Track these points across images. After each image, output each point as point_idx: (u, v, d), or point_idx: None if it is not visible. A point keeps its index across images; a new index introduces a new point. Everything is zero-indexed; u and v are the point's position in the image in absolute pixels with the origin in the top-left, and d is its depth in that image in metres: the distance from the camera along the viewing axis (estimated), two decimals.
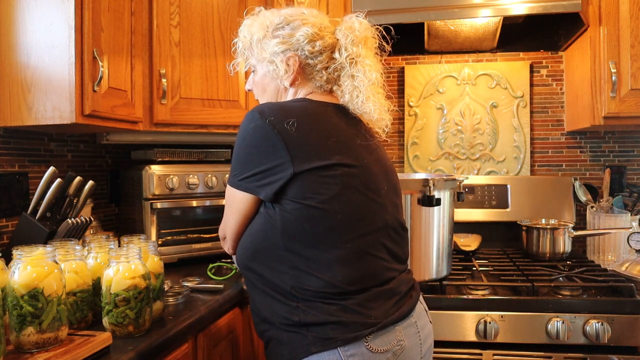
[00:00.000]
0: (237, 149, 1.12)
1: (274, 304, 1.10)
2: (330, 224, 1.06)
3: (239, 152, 1.12)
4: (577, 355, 1.52)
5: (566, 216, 2.17)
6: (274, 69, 1.21)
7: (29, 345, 1.02)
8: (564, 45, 2.24)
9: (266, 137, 1.07)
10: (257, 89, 1.28)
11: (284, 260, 1.08)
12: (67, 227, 1.50)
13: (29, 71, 1.47)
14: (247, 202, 1.13)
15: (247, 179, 1.10)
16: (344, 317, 1.03)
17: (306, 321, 1.04)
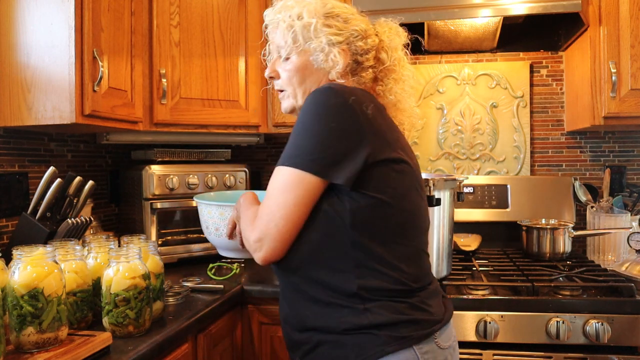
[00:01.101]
0: (310, 125, 1.00)
1: (332, 311, 1.01)
2: (400, 220, 1.04)
3: (312, 129, 1.00)
4: (577, 355, 1.52)
5: (566, 216, 2.17)
6: (323, 58, 1.11)
7: (29, 345, 1.02)
8: (564, 45, 2.24)
9: (349, 116, 0.99)
10: (294, 77, 1.14)
11: (349, 259, 1.01)
12: (67, 227, 1.50)
13: (29, 71, 1.47)
14: (315, 189, 0.99)
15: (321, 160, 0.98)
16: (414, 314, 1.01)
17: (377, 322, 0.99)
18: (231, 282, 1.73)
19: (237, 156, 2.47)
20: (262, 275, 1.86)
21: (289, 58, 1.14)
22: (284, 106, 1.19)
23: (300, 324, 1.06)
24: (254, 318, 1.71)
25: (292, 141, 1.03)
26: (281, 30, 1.13)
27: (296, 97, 1.15)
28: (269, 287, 1.71)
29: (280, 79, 1.17)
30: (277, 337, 1.70)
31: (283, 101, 1.19)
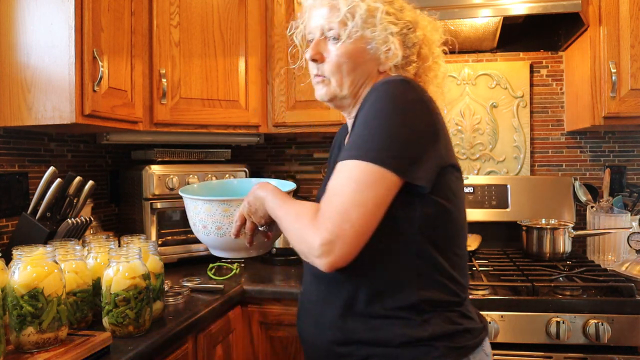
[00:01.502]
0: (388, 118, 0.91)
1: (386, 324, 0.95)
2: (457, 229, 1.00)
3: (390, 123, 0.91)
4: (577, 355, 1.52)
5: (566, 216, 2.17)
6: (382, 48, 1.02)
7: (29, 345, 1.02)
8: (564, 45, 2.24)
9: (426, 114, 0.94)
10: (344, 63, 1.02)
11: (412, 268, 0.95)
12: (67, 227, 1.50)
13: (29, 71, 1.47)
14: (394, 189, 0.89)
15: (403, 158, 0.89)
16: (465, 324, 0.99)
17: (436, 334, 0.94)
18: (231, 282, 1.73)
19: (237, 156, 2.47)
20: (262, 275, 1.86)
21: (341, 41, 1.01)
22: (320, 92, 1.07)
23: (346, 337, 0.98)
24: (254, 318, 1.71)
25: (367, 133, 0.91)
26: (337, 9, 1.01)
27: (341, 86, 1.03)
28: (269, 287, 1.71)
29: (325, 62, 1.04)
30: (277, 337, 1.70)
31: (320, 86, 1.06)
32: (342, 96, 1.04)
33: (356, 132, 0.94)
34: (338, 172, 0.92)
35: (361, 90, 1.05)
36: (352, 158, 0.90)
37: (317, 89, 1.08)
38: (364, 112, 0.94)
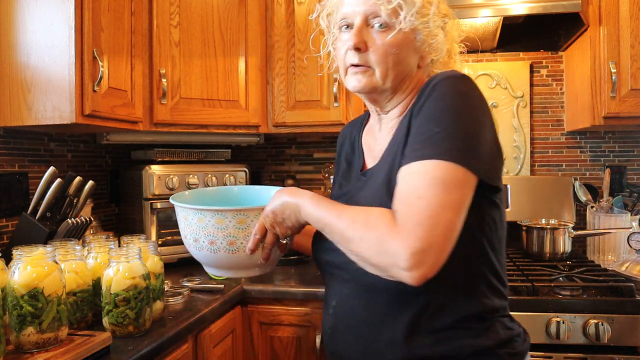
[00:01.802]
0: (463, 116, 0.86)
1: (451, 336, 0.89)
2: (503, 229, 0.97)
3: (465, 121, 0.85)
4: (577, 355, 1.52)
5: (566, 216, 2.17)
6: (430, 41, 0.98)
7: (29, 345, 1.02)
8: (564, 45, 2.24)
9: (489, 112, 0.91)
10: (392, 54, 0.94)
11: (476, 274, 0.91)
12: (67, 227, 1.50)
13: (29, 71, 1.47)
14: (472, 192, 0.84)
15: (481, 158, 0.85)
16: (516, 328, 0.97)
17: (498, 341, 0.91)
18: (231, 282, 1.73)
19: (237, 156, 2.47)
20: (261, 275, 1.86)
21: (394, 31, 0.93)
22: (359, 83, 0.96)
23: (410, 356, 0.89)
24: (254, 318, 1.71)
25: (442, 131, 0.84)
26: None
27: (385, 78, 0.95)
28: (269, 287, 1.71)
29: (370, 51, 0.94)
30: (277, 337, 1.70)
31: (359, 76, 0.96)
32: (383, 89, 0.97)
33: (424, 130, 0.86)
34: (416, 173, 0.83)
35: (401, 85, 0.99)
36: (431, 157, 0.82)
37: (353, 79, 0.97)
38: (429, 107, 0.87)
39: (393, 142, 0.97)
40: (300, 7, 2.10)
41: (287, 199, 0.96)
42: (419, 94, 0.92)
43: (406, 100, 1.01)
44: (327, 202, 0.92)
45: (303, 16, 2.09)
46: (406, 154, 0.87)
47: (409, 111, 0.95)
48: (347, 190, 1.07)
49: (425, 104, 0.88)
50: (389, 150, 0.97)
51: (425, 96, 0.90)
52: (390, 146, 0.98)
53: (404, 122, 0.95)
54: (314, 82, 2.09)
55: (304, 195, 0.95)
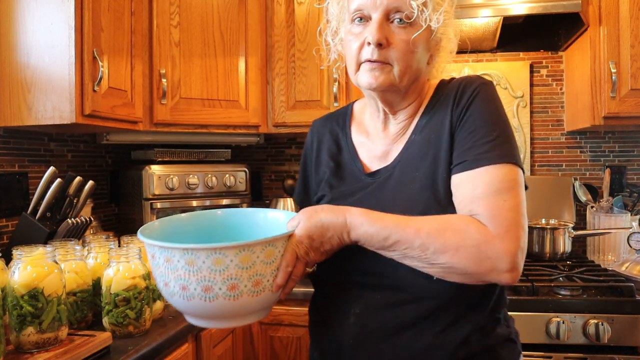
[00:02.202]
0: (504, 120, 0.91)
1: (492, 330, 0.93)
2: None
3: (506, 125, 0.90)
4: (577, 355, 1.52)
5: (566, 216, 2.17)
6: (442, 39, 0.96)
7: (29, 345, 1.02)
8: (564, 45, 2.24)
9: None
10: (412, 51, 0.91)
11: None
12: (67, 227, 1.50)
13: (29, 71, 1.47)
14: None
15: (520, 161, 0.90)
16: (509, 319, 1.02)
17: (510, 331, 0.97)
18: None
19: (237, 156, 2.47)
20: None
21: (412, 27, 0.90)
22: (376, 80, 0.91)
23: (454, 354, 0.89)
24: None
25: (499, 135, 0.88)
26: None
27: (404, 76, 0.92)
28: None
29: (392, 48, 0.90)
30: (277, 337, 1.70)
31: (376, 72, 0.91)
32: (399, 87, 0.93)
33: (484, 133, 0.88)
34: (493, 176, 0.84)
35: (414, 84, 0.96)
36: (501, 161, 0.85)
37: (368, 76, 0.91)
38: (480, 112, 0.90)
39: (422, 144, 0.95)
40: (300, 7, 2.10)
41: (328, 219, 0.84)
42: (460, 96, 0.93)
43: (417, 101, 0.99)
44: (382, 216, 0.85)
45: (303, 16, 2.09)
46: (469, 156, 0.87)
47: (444, 113, 0.94)
48: (347, 192, 1.00)
49: (473, 108, 0.91)
50: (414, 152, 0.95)
51: (467, 100, 0.91)
52: (412, 147, 0.96)
53: (437, 124, 0.94)
54: (314, 82, 2.09)
55: (351, 212, 0.85)
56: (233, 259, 0.75)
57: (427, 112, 0.97)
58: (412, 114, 0.99)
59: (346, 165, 1.03)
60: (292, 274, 0.82)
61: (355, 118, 1.09)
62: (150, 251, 0.82)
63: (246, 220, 0.99)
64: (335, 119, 1.11)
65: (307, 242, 0.83)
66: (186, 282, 0.76)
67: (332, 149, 1.07)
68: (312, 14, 2.08)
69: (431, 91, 1.01)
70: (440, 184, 0.89)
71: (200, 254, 0.75)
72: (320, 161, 1.08)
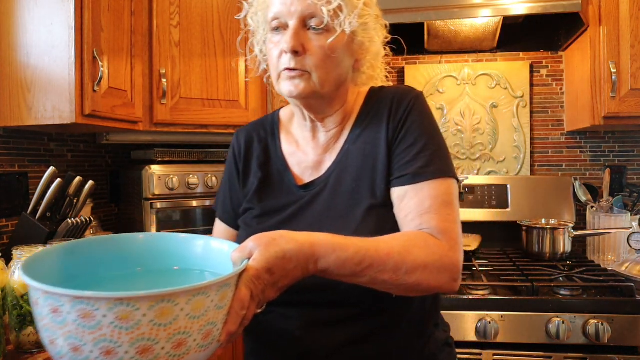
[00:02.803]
0: (439, 135, 0.92)
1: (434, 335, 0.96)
2: None
3: (440, 138, 0.92)
4: (577, 355, 1.52)
5: (566, 216, 2.17)
6: (365, 43, 0.93)
7: (29, 345, 1.02)
8: (564, 45, 2.24)
9: None
10: (330, 57, 0.88)
11: None
12: (67, 227, 1.50)
13: (29, 71, 1.47)
14: None
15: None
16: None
17: (447, 334, 1.01)
18: None
19: None
20: None
21: (329, 32, 0.87)
22: (296, 88, 0.88)
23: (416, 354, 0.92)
24: None
25: (437, 149, 0.89)
26: None
27: (324, 83, 0.89)
28: None
29: (308, 55, 0.87)
30: None
31: (296, 81, 0.88)
32: (322, 94, 0.90)
33: (424, 146, 0.89)
34: (438, 190, 0.86)
35: (339, 90, 0.94)
36: (443, 175, 0.87)
37: (289, 84, 0.89)
38: (418, 125, 0.90)
39: (357, 154, 0.93)
40: None
41: (291, 248, 0.70)
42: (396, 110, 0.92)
43: (345, 108, 0.97)
44: (350, 240, 0.77)
45: None
46: (411, 170, 0.87)
47: (378, 125, 0.93)
48: (278, 205, 0.95)
49: (410, 122, 0.91)
50: (349, 162, 0.93)
51: (403, 113, 0.91)
52: (346, 158, 0.94)
53: (372, 135, 0.93)
54: None
55: (316, 237, 0.74)
56: (184, 307, 0.55)
57: (360, 123, 0.96)
58: (341, 121, 0.97)
59: (277, 176, 0.98)
60: (244, 318, 0.65)
61: (284, 126, 1.04)
62: (34, 295, 0.57)
63: (178, 250, 0.78)
64: (263, 127, 1.05)
65: (266, 277, 0.67)
66: (113, 345, 0.53)
67: (261, 159, 1.01)
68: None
69: (361, 99, 0.98)
70: (378, 194, 0.89)
71: (137, 303, 0.52)
72: (248, 171, 1.01)
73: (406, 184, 0.87)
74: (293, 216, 0.91)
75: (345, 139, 0.96)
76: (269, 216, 0.93)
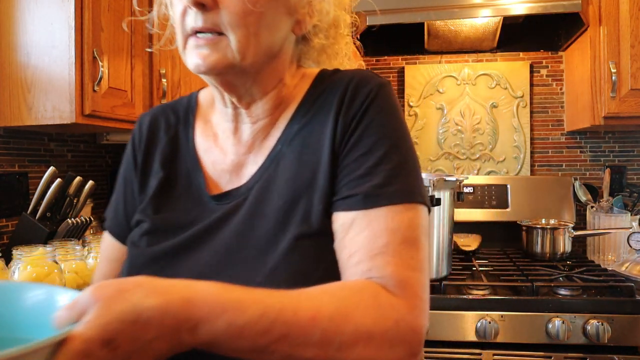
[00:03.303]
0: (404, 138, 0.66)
1: None
2: None
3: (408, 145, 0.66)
4: (577, 355, 1.52)
5: (566, 216, 2.17)
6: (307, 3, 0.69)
7: None
8: (564, 45, 2.24)
9: None
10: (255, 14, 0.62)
11: None
12: (67, 227, 1.50)
13: (29, 71, 1.47)
14: None
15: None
16: None
17: None
18: None
19: None
20: None
21: None
22: (205, 60, 0.64)
23: None
24: None
25: (406, 162, 0.64)
26: None
27: (245, 50, 0.63)
28: None
29: (222, 9, 0.62)
30: None
31: (204, 50, 0.64)
32: (243, 67, 0.64)
33: (382, 156, 0.62)
34: (399, 221, 0.60)
35: (274, 64, 0.68)
36: (407, 200, 0.61)
37: (195, 54, 0.65)
38: (377, 125, 0.64)
39: (292, 160, 0.66)
40: None
41: (150, 306, 0.46)
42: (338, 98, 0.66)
43: (280, 92, 0.70)
44: (255, 295, 0.51)
45: None
46: (363, 189, 0.61)
47: (325, 120, 0.66)
48: (178, 221, 0.68)
49: (367, 120, 0.64)
50: (281, 170, 0.66)
51: (360, 106, 0.65)
52: (277, 163, 0.67)
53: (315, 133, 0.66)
54: None
55: (194, 289, 0.49)
56: None
57: (300, 115, 0.69)
58: (272, 110, 0.70)
59: (183, 178, 0.72)
60: None
61: (202, 113, 0.78)
62: None
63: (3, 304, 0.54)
64: (174, 111, 0.79)
65: (102, 354, 0.43)
66: None
67: (166, 153, 0.74)
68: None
69: (306, 84, 0.71)
70: (313, 219, 0.62)
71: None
72: (148, 169, 0.75)
73: (354, 208, 0.61)
74: (195, 240, 0.65)
75: (278, 136, 0.69)
76: (164, 235, 0.67)
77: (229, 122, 0.72)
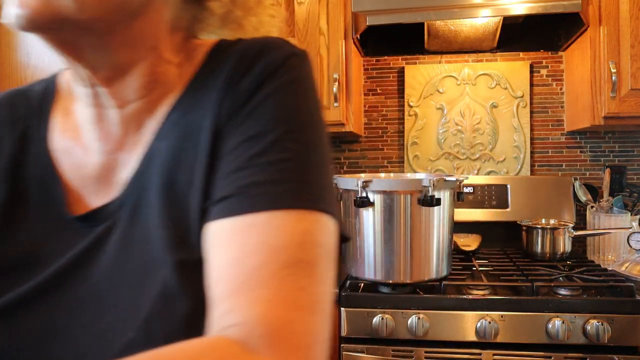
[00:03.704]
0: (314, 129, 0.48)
1: None
2: None
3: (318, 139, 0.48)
4: (577, 355, 1.52)
5: (566, 216, 2.17)
6: None
7: None
8: (564, 45, 2.24)
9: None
10: None
11: None
12: None
13: (29, 71, 1.47)
14: None
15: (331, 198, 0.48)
16: None
17: None
18: None
19: None
20: None
21: None
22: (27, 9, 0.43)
23: None
24: None
25: (303, 147, 0.46)
26: None
27: None
28: None
29: None
30: None
31: None
32: (83, 22, 0.45)
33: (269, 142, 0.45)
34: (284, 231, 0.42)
35: (137, 24, 0.48)
36: (301, 205, 0.43)
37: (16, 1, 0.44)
38: (273, 103, 0.47)
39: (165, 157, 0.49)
40: (300, 7, 2.10)
41: None
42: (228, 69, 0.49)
43: (155, 67, 0.51)
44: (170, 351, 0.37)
45: (303, 16, 2.09)
46: (238, 187, 0.44)
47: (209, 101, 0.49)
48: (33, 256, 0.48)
49: (263, 95, 0.47)
50: (151, 174, 0.49)
51: (255, 78, 0.48)
52: (154, 164, 0.49)
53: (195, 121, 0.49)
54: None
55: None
56: None
57: (186, 99, 0.51)
58: (146, 90, 0.52)
59: (35, 193, 0.52)
60: None
61: (62, 101, 0.61)
62: None
63: None
64: (25, 99, 0.62)
65: None
66: None
67: (11, 155, 0.54)
68: (312, 14, 2.08)
69: (198, 59, 0.53)
70: (193, 238, 0.45)
71: None
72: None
73: (224, 215, 0.43)
74: (54, 283, 0.46)
75: (155, 128, 0.51)
76: (10, 277, 0.47)
77: (90, 106, 0.53)
